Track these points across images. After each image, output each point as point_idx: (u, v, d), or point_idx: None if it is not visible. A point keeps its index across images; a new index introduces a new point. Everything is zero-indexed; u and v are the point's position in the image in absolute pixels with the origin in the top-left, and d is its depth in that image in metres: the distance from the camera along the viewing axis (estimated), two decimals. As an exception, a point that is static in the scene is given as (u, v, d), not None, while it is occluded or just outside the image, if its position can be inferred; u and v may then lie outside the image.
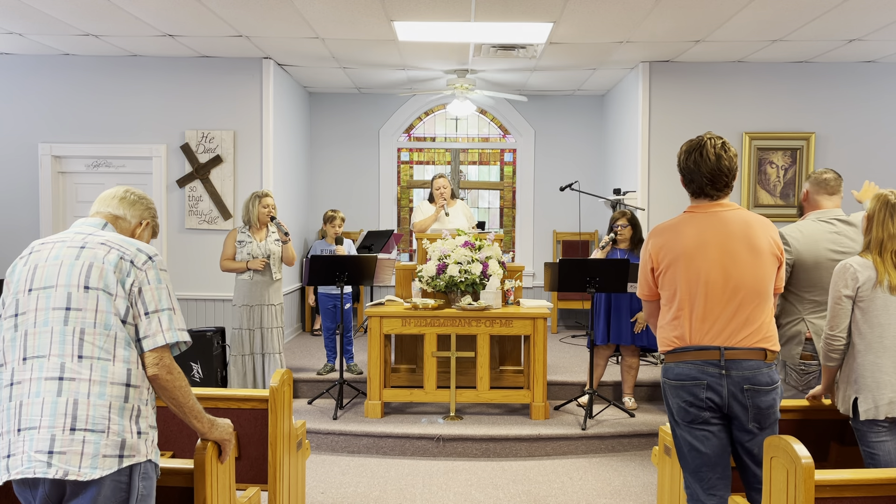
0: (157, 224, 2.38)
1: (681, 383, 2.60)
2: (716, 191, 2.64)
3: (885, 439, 2.80)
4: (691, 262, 2.60)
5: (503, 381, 5.62)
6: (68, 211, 6.76)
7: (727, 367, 2.55)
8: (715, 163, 2.60)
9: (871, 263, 2.85)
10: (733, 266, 2.58)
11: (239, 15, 5.26)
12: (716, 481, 2.61)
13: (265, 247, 5.29)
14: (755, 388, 2.55)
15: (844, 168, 6.56)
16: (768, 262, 2.62)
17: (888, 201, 2.88)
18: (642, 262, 2.76)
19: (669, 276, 2.64)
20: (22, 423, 1.95)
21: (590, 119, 8.64)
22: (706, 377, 2.56)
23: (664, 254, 2.65)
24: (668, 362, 2.67)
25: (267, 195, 5.37)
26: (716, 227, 2.61)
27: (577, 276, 5.04)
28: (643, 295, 2.80)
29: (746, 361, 2.56)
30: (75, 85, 6.65)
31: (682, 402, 2.60)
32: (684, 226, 2.66)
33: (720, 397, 2.56)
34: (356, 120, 8.61)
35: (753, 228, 2.62)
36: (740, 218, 2.64)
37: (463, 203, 6.48)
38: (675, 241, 2.64)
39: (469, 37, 5.80)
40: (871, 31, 5.58)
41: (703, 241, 2.60)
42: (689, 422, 2.61)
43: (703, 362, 2.57)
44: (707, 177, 2.61)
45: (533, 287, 8.47)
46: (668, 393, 2.67)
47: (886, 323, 2.81)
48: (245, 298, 5.26)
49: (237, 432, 2.98)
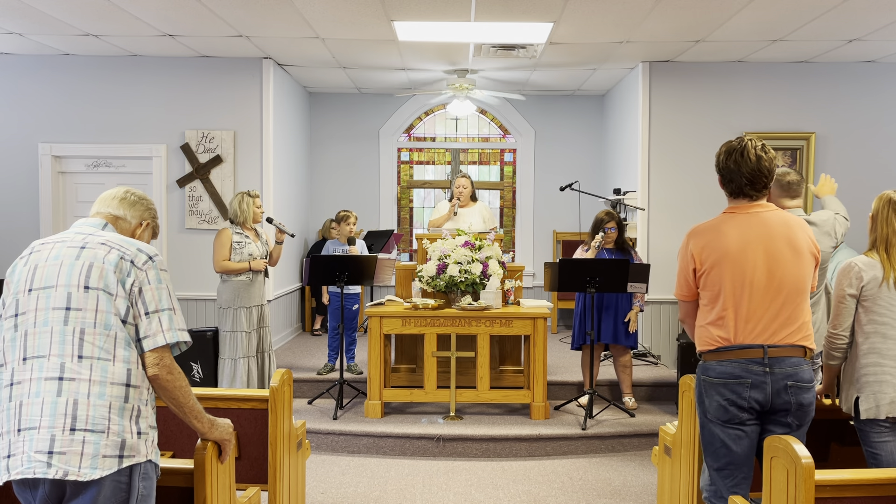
0: (157, 225, 2.38)
1: (724, 381, 2.61)
2: (755, 191, 2.67)
3: (888, 439, 2.80)
4: (735, 263, 2.62)
5: (503, 381, 5.62)
6: (68, 211, 6.76)
7: (770, 365, 2.58)
8: (755, 164, 2.64)
9: (876, 262, 2.86)
10: (777, 266, 2.61)
11: (239, 15, 5.26)
12: (740, 480, 2.65)
13: (262, 246, 5.24)
14: (798, 385, 2.58)
15: (844, 168, 6.58)
16: (808, 262, 2.66)
17: (891, 199, 2.89)
18: (683, 263, 2.76)
19: (713, 277, 2.66)
20: (22, 423, 1.95)
21: (590, 119, 8.64)
22: (750, 376, 2.58)
23: (707, 254, 2.67)
24: (710, 360, 2.67)
25: (258, 195, 5.25)
26: (758, 227, 2.64)
27: (577, 276, 5.04)
28: (682, 295, 2.80)
29: (789, 359, 2.59)
30: (75, 85, 6.65)
31: (724, 401, 2.61)
32: (726, 226, 2.68)
33: (764, 395, 2.58)
34: (356, 120, 8.61)
35: (793, 229, 2.66)
36: (780, 218, 2.67)
37: (482, 204, 6.46)
38: (718, 241, 2.66)
39: (469, 37, 5.80)
40: (871, 31, 5.58)
41: (746, 242, 2.63)
42: (725, 420, 2.62)
43: (746, 361, 2.59)
44: (747, 177, 2.65)
45: (533, 287, 8.47)
46: (707, 390, 2.67)
47: (890, 322, 2.82)
48: (242, 300, 5.10)
49: (237, 432, 2.98)
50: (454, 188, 6.22)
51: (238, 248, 5.09)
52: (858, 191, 6.39)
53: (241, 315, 5.10)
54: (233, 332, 5.09)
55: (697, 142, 6.62)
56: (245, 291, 5.12)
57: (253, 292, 5.16)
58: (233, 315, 5.09)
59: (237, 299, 5.09)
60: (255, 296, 5.18)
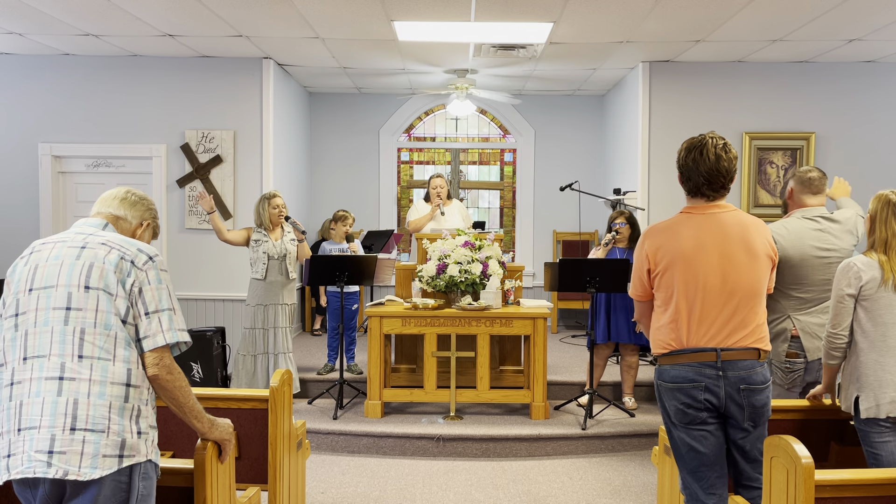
0: (157, 225, 2.38)
1: (678, 385, 2.60)
2: (712, 191, 2.63)
3: (889, 439, 2.80)
4: (689, 265, 2.59)
5: (503, 381, 5.62)
6: (68, 211, 6.76)
7: (724, 368, 2.56)
8: (714, 163, 2.58)
9: (875, 262, 2.86)
10: (731, 269, 2.58)
11: (239, 15, 5.26)
12: (714, 480, 2.62)
13: (281, 246, 5.35)
14: (751, 388, 2.57)
15: (844, 168, 6.58)
16: (763, 265, 2.63)
17: (889, 200, 2.88)
18: (638, 263, 2.74)
19: (667, 278, 2.63)
20: (22, 422, 1.95)
21: (590, 119, 8.64)
22: (703, 379, 2.56)
23: (661, 255, 2.64)
24: (664, 364, 2.65)
25: (275, 195, 5.41)
26: (713, 229, 2.61)
27: (577, 276, 5.04)
28: (636, 295, 2.79)
29: (742, 362, 2.57)
30: (75, 85, 6.65)
31: (680, 405, 2.60)
32: (682, 227, 2.65)
33: (718, 398, 2.57)
34: (356, 120, 8.61)
35: (749, 231, 2.62)
36: (737, 220, 2.64)
37: (460, 203, 6.48)
38: (672, 242, 2.63)
39: (469, 37, 5.80)
40: (871, 31, 5.58)
41: (701, 244, 2.60)
42: (686, 423, 2.61)
43: (699, 364, 2.57)
44: (704, 176, 2.60)
45: (533, 287, 8.47)
46: (663, 395, 2.66)
47: (890, 322, 2.82)
48: (259, 298, 5.31)
49: (237, 432, 2.98)
50: (431, 189, 6.17)
51: (255, 246, 5.33)
52: (858, 191, 6.36)
53: (257, 312, 5.34)
54: (251, 329, 5.35)
55: (697, 142, 6.61)
56: (262, 290, 5.34)
57: (270, 291, 5.34)
58: (252, 312, 5.35)
59: (255, 297, 5.36)
60: (272, 294, 5.35)
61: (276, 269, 5.34)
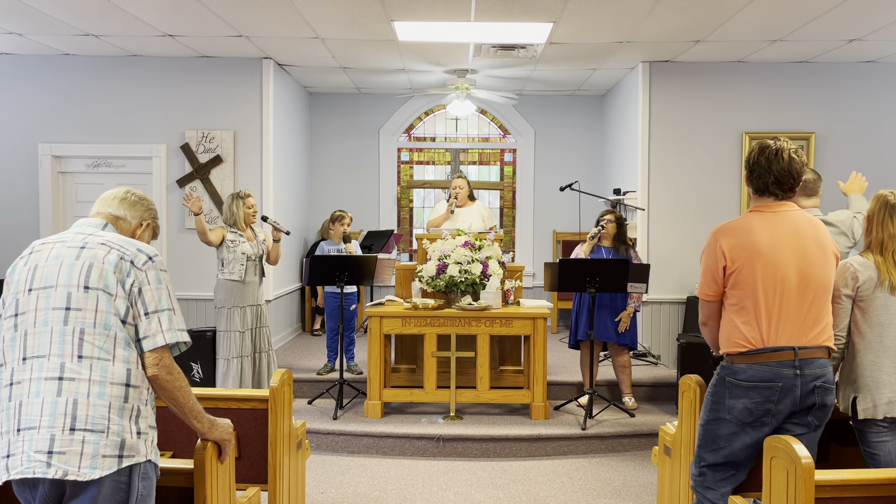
0: (157, 225, 2.38)
1: (754, 385, 2.58)
2: (781, 191, 2.67)
3: (886, 439, 2.80)
4: (768, 261, 2.59)
5: (503, 381, 5.62)
6: (68, 211, 6.76)
7: (801, 367, 2.57)
8: (787, 164, 2.63)
9: (871, 263, 2.86)
10: (807, 265, 2.60)
11: (239, 15, 5.26)
12: (732, 478, 2.67)
13: (258, 246, 5.25)
14: (825, 387, 2.59)
15: (845, 168, 6.58)
16: (832, 262, 2.67)
17: (888, 201, 2.88)
18: (711, 261, 2.69)
19: (744, 276, 2.62)
20: (21, 422, 1.95)
21: (590, 119, 8.64)
22: (782, 379, 2.56)
23: (738, 251, 2.62)
24: (738, 363, 2.62)
25: (249, 195, 5.24)
26: (787, 226, 2.63)
27: (577, 276, 5.04)
28: (707, 295, 2.73)
29: (817, 360, 2.59)
30: (75, 85, 6.65)
31: (751, 403, 2.58)
32: (756, 224, 2.65)
33: (794, 399, 2.56)
34: (356, 120, 8.61)
35: (819, 228, 2.67)
36: (805, 218, 2.68)
37: (481, 203, 6.46)
38: (749, 239, 2.63)
39: (469, 37, 5.80)
40: (871, 31, 5.58)
41: (777, 240, 2.61)
42: (749, 422, 2.60)
43: (777, 364, 2.57)
44: (776, 175, 2.64)
45: (533, 287, 8.47)
46: (733, 391, 2.62)
47: (886, 322, 2.82)
48: (236, 300, 5.12)
49: (237, 432, 2.98)
50: (451, 188, 6.23)
51: (232, 246, 5.13)
52: (858, 191, 6.40)
53: (235, 315, 5.13)
54: (226, 332, 5.14)
55: (697, 142, 6.63)
56: (238, 291, 5.15)
57: (246, 292, 5.17)
58: (227, 314, 5.14)
59: (230, 299, 5.14)
60: (249, 296, 5.19)
61: (252, 270, 5.20)
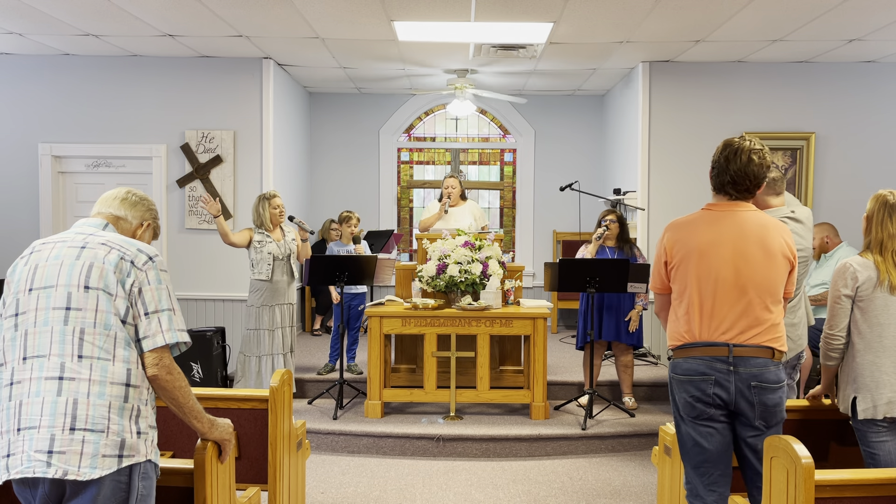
0: (158, 225, 2.39)
1: (688, 378, 2.63)
2: (735, 191, 2.68)
3: (886, 439, 2.80)
4: (703, 259, 2.64)
5: (503, 381, 5.62)
6: (68, 211, 6.76)
7: (735, 364, 2.58)
8: (744, 164, 2.63)
9: (871, 263, 2.86)
10: (745, 266, 2.61)
11: (239, 15, 5.26)
12: (717, 478, 2.65)
13: (285, 245, 5.36)
14: (762, 386, 2.58)
15: (845, 168, 6.59)
16: (780, 265, 2.65)
17: (887, 201, 2.88)
18: (657, 255, 2.81)
19: (682, 271, 2.69)
20: (22, 422, 1.95)
21: (590, 119, 8.64)
22: (714, 373, 2.59)
23: (678, 248, 2.70)
24: (677, 357, 2.70)
25: (275, 195, 5.42)
26: (731, 226, 2.65)
27: (577, 276, 5.04)
28: (655, 288, 2.85)
29: (754, 359, 2.59)
30: (75, 85, 6.65)
31: (689, 398, 2.63)
32: (700, 222, 2.70)
33: (728, 393, 2.59)
34: (356, 120, 8.61)
35: (768, 230, 2.65)
36: (756, 219, 2.67)
37: (473, 203, 6.48)
38: (689, 236, 2.68)
39: (469, 37, 5.80)
40: (871, 31, 5.58)
41: (716, 239, 2.64)
42: (694, 417, 2.64)
43: (711, 358, 2.60)
44: (732, 175, 2.65)
45: (533, 287, 8.47)
46: (674, 388, 2.70)
47: (886, 322, 2.82)
48: (265, 299, 5.29)
49: (237, 432, 2.98)
50: (443, 188, 6.23)
51: (259, 246, 5.30)
52: (858, 191, 6.41)
53: (264, 313, 5.30)
54: (255, 331, 5.31)
55: (697, 142, 6.62)
56: (267, 291, 5.32)
57: (275, 291, 5.34)
58: (256, 313, 5.32)
59: (260, 298, 5.31)
60: (279, 295, 5.35)
61: (281, 270, 5.35)
